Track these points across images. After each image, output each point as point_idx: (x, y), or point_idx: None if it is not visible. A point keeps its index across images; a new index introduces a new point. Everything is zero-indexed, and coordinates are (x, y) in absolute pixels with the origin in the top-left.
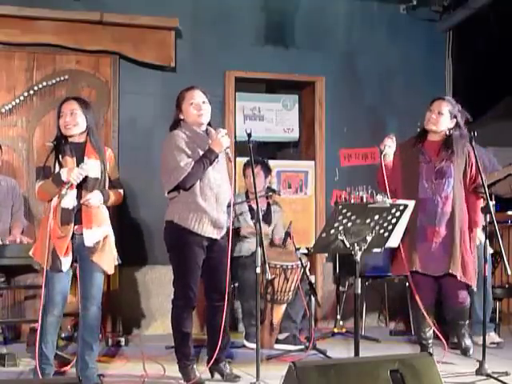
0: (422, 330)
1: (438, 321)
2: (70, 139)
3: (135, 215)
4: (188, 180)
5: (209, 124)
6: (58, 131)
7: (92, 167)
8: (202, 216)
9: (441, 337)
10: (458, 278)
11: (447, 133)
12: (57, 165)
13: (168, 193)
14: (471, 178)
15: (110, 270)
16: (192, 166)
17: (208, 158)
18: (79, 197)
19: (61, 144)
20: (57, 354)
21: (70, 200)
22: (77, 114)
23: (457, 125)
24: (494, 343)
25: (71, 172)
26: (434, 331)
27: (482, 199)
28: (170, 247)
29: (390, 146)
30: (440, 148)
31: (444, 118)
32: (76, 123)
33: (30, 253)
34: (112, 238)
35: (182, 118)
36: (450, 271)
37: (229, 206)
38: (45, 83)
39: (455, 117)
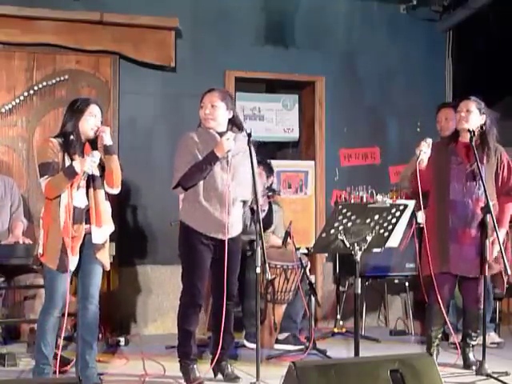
0: (432, 328)
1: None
2: (82, 138)
3: (135, 215)
4: (185, 180)
5: (237, 126)
6: (72, 127)
7: (94, 165)
8: (205, 216)
9: (455, 339)
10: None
11: (480, 130)
12: (67, 161)
13: (172, 189)
14: (503, 180)
15: (108, 266)
16: (190, 166)
17: (208, 160)
18: (88, 196)
19: (70, 141)
20: (56, 354)
21: (81, 199)
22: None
23: (485, 123)
24: (494, 343)
25: (84, 162)
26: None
27: None
28: (179, 245)
29: (425, 151)
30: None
31: (473, 114)
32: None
33: (40, 250)
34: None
35: None
36: (482, 274)
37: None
38: (45, 83)
39: (484, 113)
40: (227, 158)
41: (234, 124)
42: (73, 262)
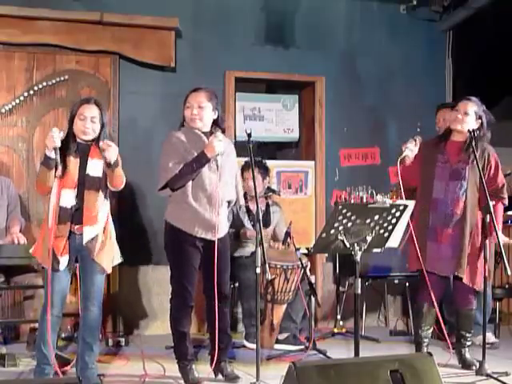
0: (421, 328)
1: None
2: (78, 139)
3: (135, 215)
4: (175, 181)
5: (219, 126)
6: (68, 128)
7: (95, 166)
8: (193, 216)
9: (447, 337)
10: (464, 281)
11: (471, 133)
12: (68, 161)
13: (158, 191)
14: (489, 180)
15: (109, 269)
16: (180, 167)
17: (198, 161)
18: (80, 196)
19: (67, 142)
20: (56, 354)
21: (68, 199)
22: (96, 122)
23: (481, 126)
24: (488, 343)
25: (46, 142)
26: (432, 332)
27: (501, 203)
28: (166, 246)
29: (411, 149)
30: (461, 149)
31: (470, 118)
32: (94, 130)
33: (31, 251)
34: (113, 237)
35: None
36: (457, 273)
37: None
38: (45, 83)
39: (480, 118)
40: (216, 158)
41: (217, 124)
42: (62, 262)
